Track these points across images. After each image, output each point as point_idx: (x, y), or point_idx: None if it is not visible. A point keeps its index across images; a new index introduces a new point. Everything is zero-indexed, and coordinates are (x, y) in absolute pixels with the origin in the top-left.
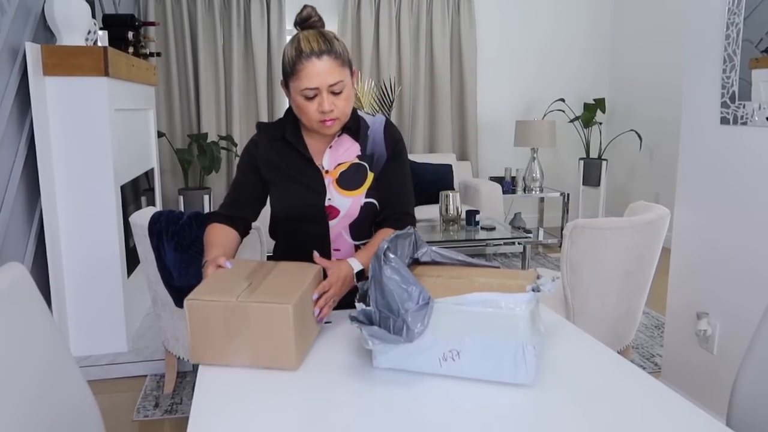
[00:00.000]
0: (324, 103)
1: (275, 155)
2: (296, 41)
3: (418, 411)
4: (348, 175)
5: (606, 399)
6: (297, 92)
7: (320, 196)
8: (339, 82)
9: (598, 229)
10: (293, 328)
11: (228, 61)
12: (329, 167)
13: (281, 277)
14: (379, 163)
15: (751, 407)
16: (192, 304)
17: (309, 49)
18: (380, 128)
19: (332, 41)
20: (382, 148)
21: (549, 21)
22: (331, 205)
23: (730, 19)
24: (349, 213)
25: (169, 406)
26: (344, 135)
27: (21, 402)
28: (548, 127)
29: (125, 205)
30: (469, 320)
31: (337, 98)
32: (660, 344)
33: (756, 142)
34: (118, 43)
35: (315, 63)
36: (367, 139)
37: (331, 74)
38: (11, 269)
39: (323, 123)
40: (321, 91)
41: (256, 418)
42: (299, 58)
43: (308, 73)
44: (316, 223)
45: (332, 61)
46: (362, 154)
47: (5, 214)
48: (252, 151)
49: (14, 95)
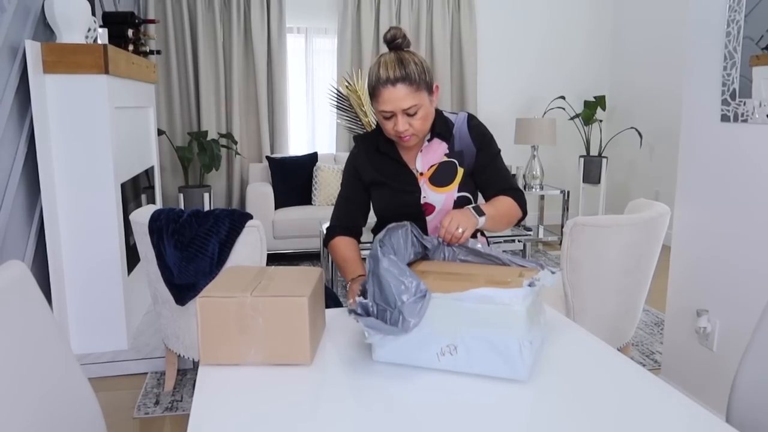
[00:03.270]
0: (398, 125)
1: (373, 164)
2: (377, 65)
3: (415, 406)
4: (439, 173)
5: (606, 396)
6: (377, 111)
7: (416, 195)
8: (413, 106)
9: (598, 227)
10: (308, 320)
11: (228, 59)
12: (422, 169)
13: (288, 277)
14: (469, 158)
15: (750, 404)
16: (204, 302)
17: (385, 76)
18: (464, 125)
19: (408, 66)
20: (469, 142)
21: (549, 18)
22: (427, 202)
23: (731, 16)
24: (445, 207)
25: (169, 403)
26: (434, 139)
27: (22, 400)
28: (548, 125)
29: (125, 203)
30: (466, 316)
31: (413, 119)
32: (660, 341)
33: (756, 140)
34: (118, 40)
35: (390, 90)
36: (453, 137)
37: (405, 100)
38: (11, 267)
39: (400, 139)
40: (396, 114)
41: (256, 415)
42: (378, 83)
43: (384, 99)
44: (415, 220)
45: (406, 87)
46: (450, 152)
47: (5, 212)
48: (353, 163)
49: (14, 93)
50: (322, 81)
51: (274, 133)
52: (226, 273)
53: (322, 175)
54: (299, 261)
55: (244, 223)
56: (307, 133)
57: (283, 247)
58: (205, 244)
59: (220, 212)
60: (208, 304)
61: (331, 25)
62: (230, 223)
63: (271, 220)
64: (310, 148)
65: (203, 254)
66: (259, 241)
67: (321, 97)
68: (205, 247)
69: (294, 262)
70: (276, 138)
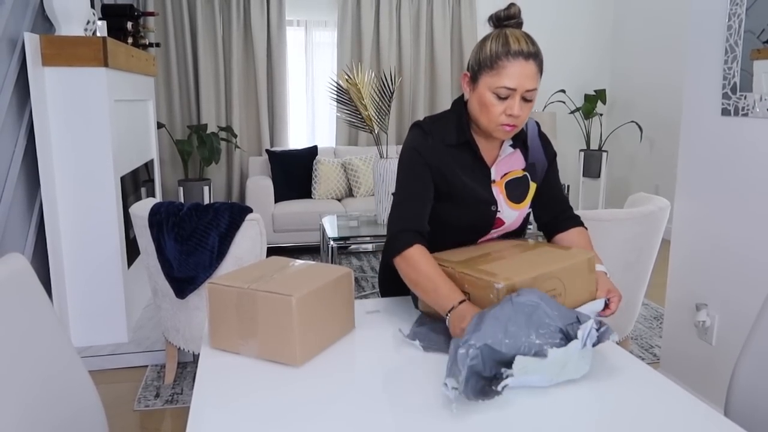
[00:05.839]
0: (515, 107)
1: (450, 159)
2: (503, 37)
3: (415, 409)
4: (515, 186)
5: (604, 389)
6: (489, 88)
7: (490, 207)
8: (534, 90)
9: (598, 221)
10: (297, 321)
11: (227, 52)
12: (496, 177)
13: (302, 274)
14: (540, 171)
15: (749, 398)
16: (211, 287)
17: (518, 48)
18: (535, 135)
19: (537, 45)
20: (542, 155)
21: (550, 12)
22: (500, 217)
23: (732, 10)
24: (512, 225)
25: (169, 396)
26: (516, 147)
27: (22, 392)
28: (549, 119)
29: (125, 196)
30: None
31: (525, 105)
32: (659, 335)
33: (757, 134)
34: (117, 33)
35: (522, 64)
36: (528, 148)
37: (531, 79)
38: (12, 260)
39: (503, 126)
40: (516, 94)
41: (257, 408)
42: (506, 55)
43: (511, 72)
44: (479, 233)
45: (536, 66)
46: (526, 165)
47: (5, 205)
48: (424, 154)
49: (13, 86)
50: (321, 74)
51: (274, 126)
52: (259, 261)
53: (322, 169)
54: (299, 255)
55: (243, 216)
56: (307, 126)
57: (283, 241)
58: (204, 237)
59: (219, 206)
60: (215, 290)
61: (331, 18)
62: (230, 217)
63: (271, 213)
64: (310, 142)
65: (203, 247)
66: (258, 235)
67: (321, 90)
68: (204, 241)
69: (294, 255)
70: (276, 131)
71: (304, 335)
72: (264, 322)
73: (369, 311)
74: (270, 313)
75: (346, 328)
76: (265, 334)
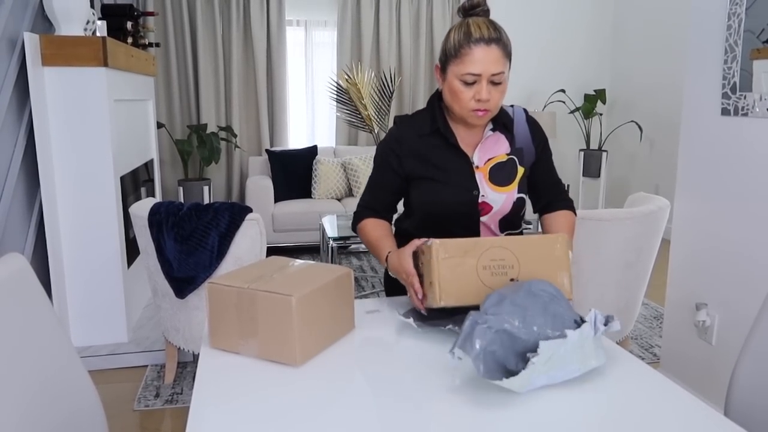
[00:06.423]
0: (482, 92)
1: (425, 149)
2: (465, 26)
3: (415, 408)
4: (499, 170)
5: (604, 389)
6: (456, 76)
7: (472, 192)
8: (500, 73)
9: (598, 221)
10: (297, 321)
11: (227, 51)
12: (479, 163)
13: (302, 274)
14: (528, 156)
15: (749, 398)
16: (211, 287)
17: (479, 34)
18: (522, 120)
19: (501, 31)
20: (529, 140)
21: (550, 11)
22: (484, 201)
23: (732, 10)
24: (502, 209)
25: (169, 396)
26: (497, 132)
27: (22, 392)
28: (549, 118)
29: (125, 196)
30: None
31: (495, 89)
32: (659, 335)
33: (757, 134)
34: (117, 33)
35: (483, 49)
36: (513, 132)
37: (495, 63)
38: (11, 260)
39: (475, 112)
40: (482, 79)
41: (256, 408)
42: (467, 42)
43: (474, 58)
44: (467, 219)
45: (499, 51)
46: (511, 149)
47: (5, 204)
48: (393, 147)
49: (13, 86)
50: (321, 74)
51: (274, 126)
52: (259, 261)
53: (322, 169)
54: (299, 254)
55: (243, 216)
56: (307, 126)
57: (283, 241)
58: (204, 237)
59: (219, 205)
60: (215, 290)
61: (331, 18)
62: (230, 217)
63: (271, 213)
64: (310, 142)
65: (203, 247)
66: (258, 235)
67: (321, 90)
68: (204, 241)
69: (294, 255)
70: (275, 131)
71: (303, 335)
72: (264, 321)
73: (369, 311)
74: (270, 313)
75: (346, 328)
76: (264, 333)
